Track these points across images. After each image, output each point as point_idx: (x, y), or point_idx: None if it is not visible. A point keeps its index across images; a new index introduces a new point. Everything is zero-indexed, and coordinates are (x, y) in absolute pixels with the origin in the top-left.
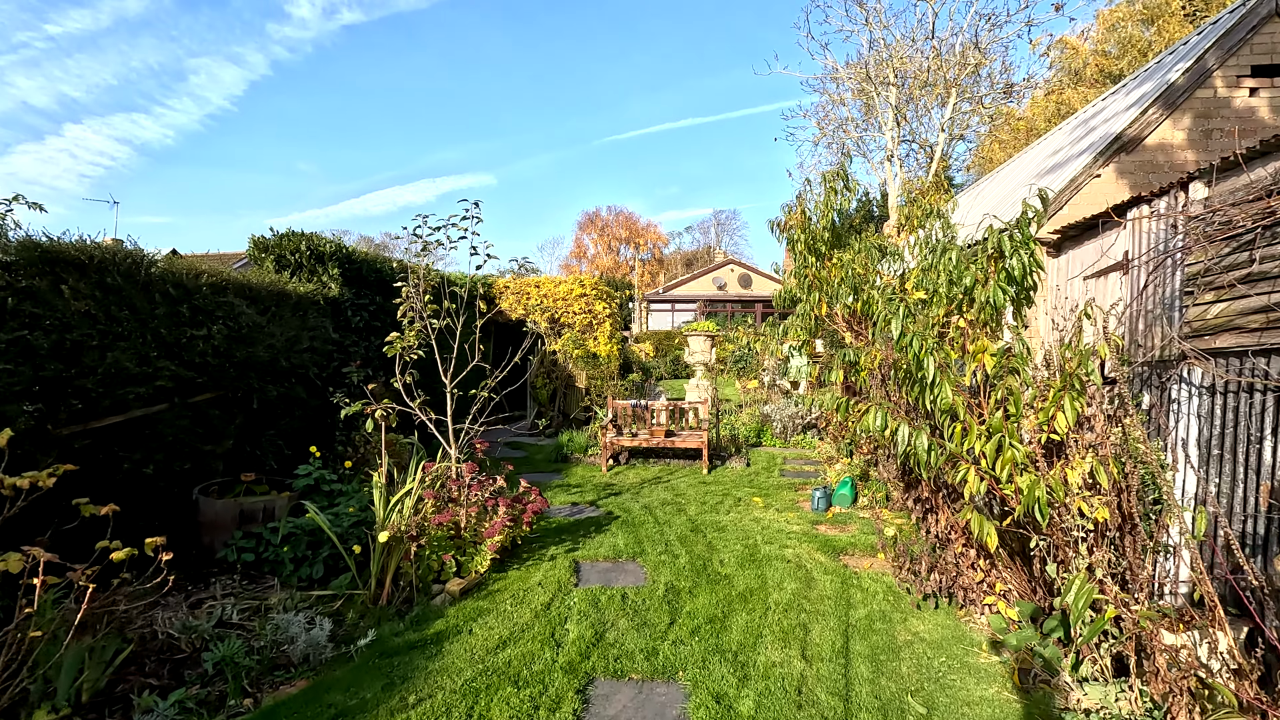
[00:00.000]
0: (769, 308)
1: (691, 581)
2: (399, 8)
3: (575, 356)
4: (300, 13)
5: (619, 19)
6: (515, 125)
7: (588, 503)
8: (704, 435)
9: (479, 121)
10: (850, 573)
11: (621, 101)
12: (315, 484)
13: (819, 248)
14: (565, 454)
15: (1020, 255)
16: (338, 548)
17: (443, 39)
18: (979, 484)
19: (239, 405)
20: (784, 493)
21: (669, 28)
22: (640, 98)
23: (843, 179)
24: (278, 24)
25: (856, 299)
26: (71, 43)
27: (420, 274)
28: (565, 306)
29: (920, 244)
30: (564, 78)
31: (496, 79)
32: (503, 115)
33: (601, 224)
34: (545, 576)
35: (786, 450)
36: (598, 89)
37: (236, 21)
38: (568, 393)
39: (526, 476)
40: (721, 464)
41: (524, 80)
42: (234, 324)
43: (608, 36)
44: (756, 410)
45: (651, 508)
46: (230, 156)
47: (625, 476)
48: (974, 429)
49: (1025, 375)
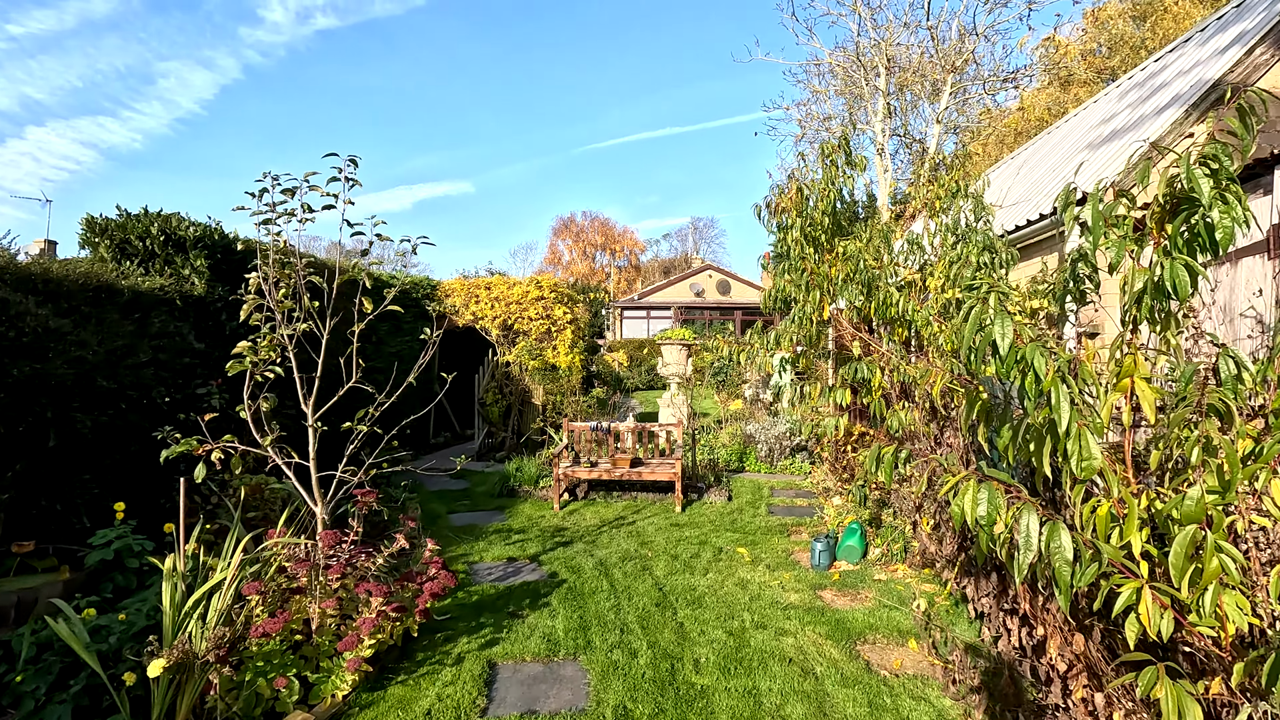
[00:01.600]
0: (749, 315)
1: (654, 703)
2: (374, 14)
3: (531, 368)
4: (273, 17)
5: (596, 28)
6: (493, 132)
7: (528, 558)
8: (677, 464)
9: (456, 128)
10: (878, 681)
11: (600, 110)
12: (116, 558)
13: (818, 236)
14: (512, 486)
15: (1231, 200)
16: (100, 677)
17: (418, 45)
18: (1159, 617)
19: (21, 442)
20: (775, 539)
21: (647, 37)
22: (618, 106)
23: (845, 152)
24: (250, 28)
25: (869, 299)
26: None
27: (283, 256)
28: (520, 311)
29: (943, 230)
30: (541, 85)
31: (473, 86)
32: (480, 122)
33: (576, 229)
34: (441, 696)
35: (774, 478)
36: (576, 97)
37: (207, 25)
38: (524, 410)
39: (461, 518)
40: (698, 498)
41: (501, 87)
42: (8, 328)
43: (585, 45)
44: (738, 429)
45: (608, 565)
46: (201, 161)
47: (581, 517)
48: (1134, 512)
49: (1237, 422)
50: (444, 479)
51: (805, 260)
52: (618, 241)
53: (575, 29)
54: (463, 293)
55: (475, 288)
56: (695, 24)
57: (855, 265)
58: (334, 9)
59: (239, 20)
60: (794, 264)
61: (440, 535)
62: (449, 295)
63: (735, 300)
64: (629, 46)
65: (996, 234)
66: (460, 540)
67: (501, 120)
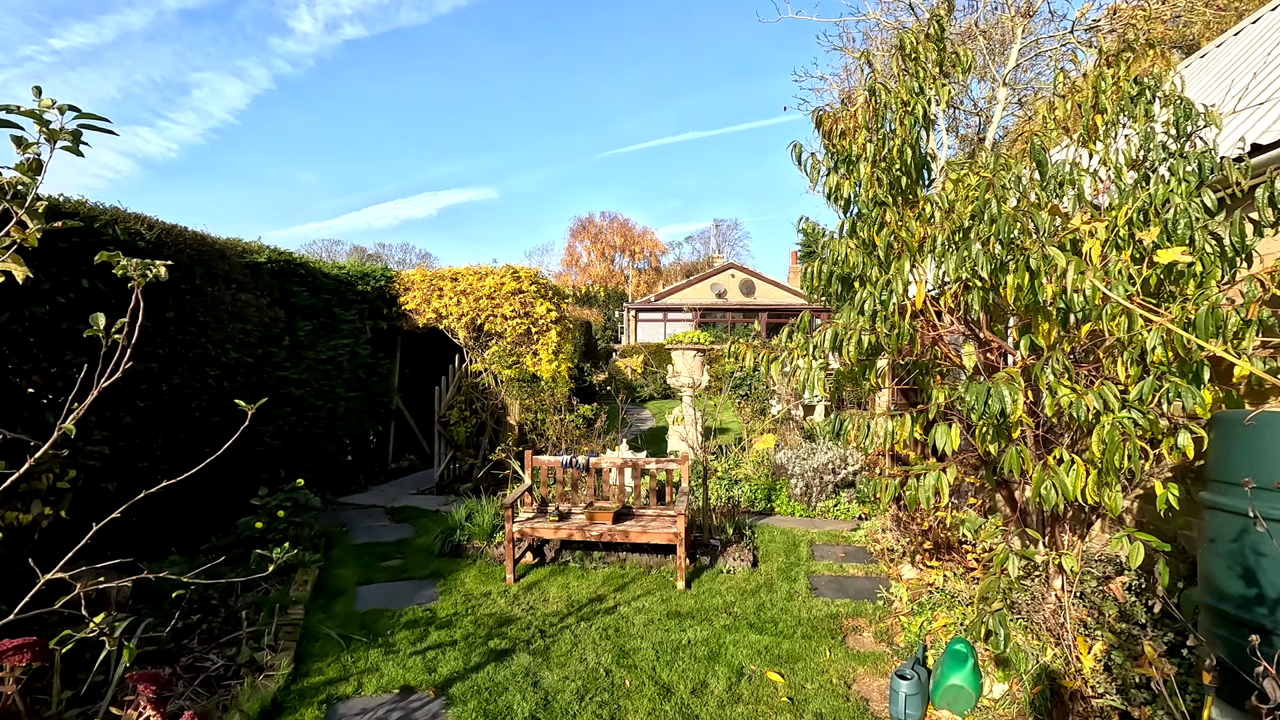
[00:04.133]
0: (776, 317)
1: None
2: (400, 23)
3: (506, 379)
4: (302, 27)
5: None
6: (514, 139)
7: (434, 688)
8: (679, 521)
9: (480, 135)
10: None
11: (620, 116)
12: None
13: (900, 180)
14: (459, 542)
15: None
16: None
17: (443, 54)
18: None
19: None
20: (823, 647)
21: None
22: (638, 112)
23: (936, 45)
24: (280, 38)
25: (1002, 271)
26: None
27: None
28: (492, 307)
29: (1112, 163)
30: (563, 92)
31: (496, 93)
32: (502, 129)
33: (595, 230)
34: None
35: (812, 525)
36: (596, 104)
37: (239, 35)
38: (499, 430)
39: (374, 594)
40: (711, 562)
41: (524, 94)
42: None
43: (604, 52)
44: (765, 454)
45: (556, 711)
46: (233, 170)
47: (542, 595)
48: None
49: None
50: (383, 521)
51: (884, 210)
52: (637, 243)
53: (595, 36)
54: (424, 286)
55: (439, 279)
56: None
57: (980, 207)
58: (361, 19)
59: (269, 31)
60: (867, 217)
61: (318, 635)
62: (409, 289)
63: (760, 302)
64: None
65: (1218, 160)
66: (345, 646)
67: (524, 127)
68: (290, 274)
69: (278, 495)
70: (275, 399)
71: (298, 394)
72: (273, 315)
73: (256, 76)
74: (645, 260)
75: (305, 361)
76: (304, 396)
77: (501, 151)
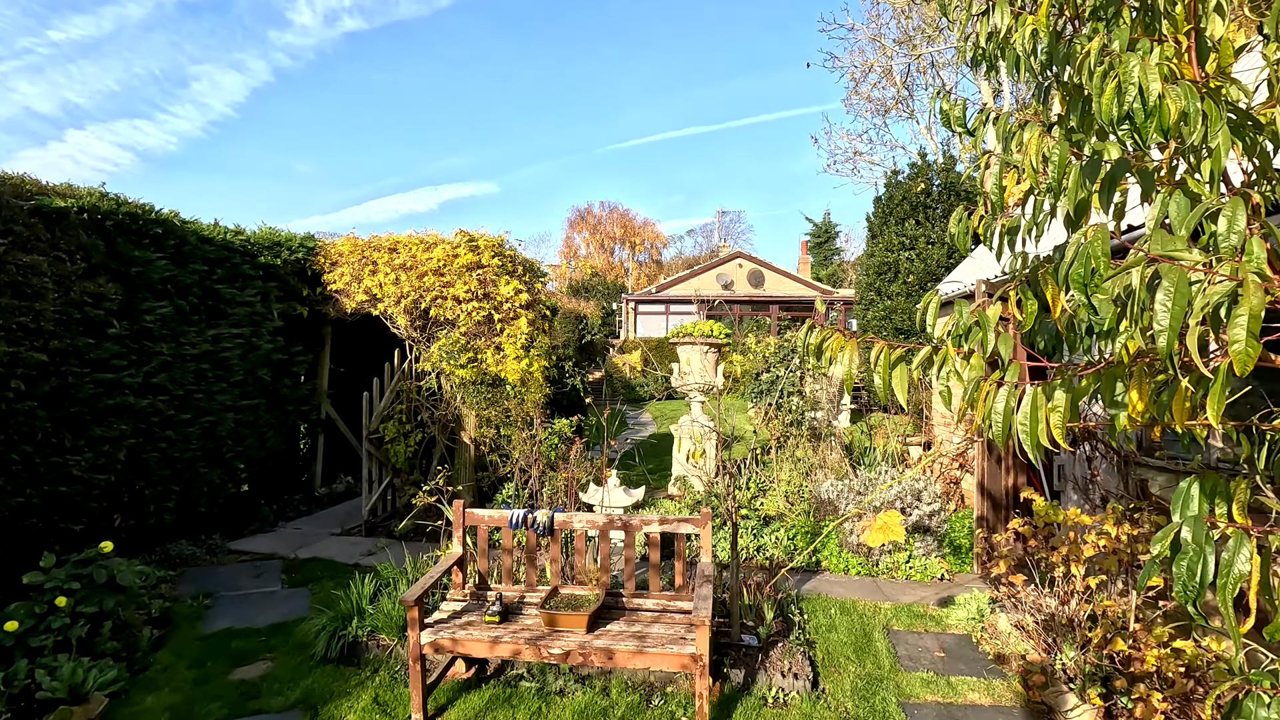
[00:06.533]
0: (788, 310)
1: None
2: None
3: (459, 381)
4: (301, 19)
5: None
6: (517, 132)
7: None
8: (700, 630)
9: (482, 128)
10: None
11: (623, 109)
12: None
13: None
14: (354, 638)
15: None
16: None
17: (444, 46)
18: None
19: None
20: None
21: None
22: (642, 106)
23: None
24: (279, 30)
25: None
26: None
27: None
28: (441, 286)
29: None
30: (566, 85)
31: (498, 86)
32: (504, 122)
33: (594, 221)
34: None
35: (880, 596)
36: (599, 97)
37: (238, 28)
38: (453, 449)
39: None
40: (745, 685)
41: (525, 88)
42: None
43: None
44: (801, 486)
45: None
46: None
47: None
48: None
49: None
50: (271, 585)
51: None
52: (638, 234)
53: (598, 28)
54: (354, 259)
55: (372, 250)
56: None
57: None
58: (360, 11)
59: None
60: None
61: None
62: (336, 264)
63: (770, 293)
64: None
65: None
66: None
67: (525, 120)
68: (133, 231)
69: (65, 568)
70: (96, 413)
71: (142, 405)
72: (93, 290)
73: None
74: (646, 253)
75: (158, 358)
76: (155, 408)
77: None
